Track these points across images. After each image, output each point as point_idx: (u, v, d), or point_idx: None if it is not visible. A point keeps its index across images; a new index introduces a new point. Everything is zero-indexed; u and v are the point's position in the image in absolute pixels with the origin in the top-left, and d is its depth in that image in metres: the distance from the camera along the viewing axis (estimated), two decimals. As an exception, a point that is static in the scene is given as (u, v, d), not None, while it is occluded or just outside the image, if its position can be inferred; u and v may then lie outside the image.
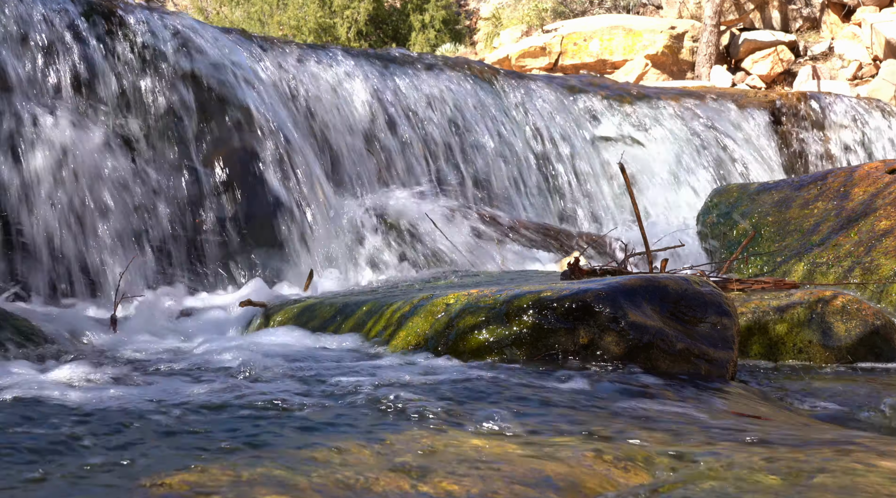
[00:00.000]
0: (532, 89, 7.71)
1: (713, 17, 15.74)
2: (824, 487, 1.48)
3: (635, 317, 2.64)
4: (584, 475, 1.61)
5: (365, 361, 2.75)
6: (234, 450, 1.72)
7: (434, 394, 2.24)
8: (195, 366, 2.72)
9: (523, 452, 1.74)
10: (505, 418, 2.04)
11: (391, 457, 1.67)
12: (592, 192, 7.44)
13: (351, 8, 18.75)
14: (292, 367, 2.64)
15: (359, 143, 6.23)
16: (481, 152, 6.93)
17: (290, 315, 3.51)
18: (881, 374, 3.27)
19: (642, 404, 2.27)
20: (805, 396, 2.74)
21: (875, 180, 5.08)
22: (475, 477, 1.56)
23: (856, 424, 2.45)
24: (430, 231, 5.54)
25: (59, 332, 3.48)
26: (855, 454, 1.73)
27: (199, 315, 4.05)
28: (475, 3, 20.85)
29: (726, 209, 5.39)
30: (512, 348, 2.69)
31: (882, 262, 4.55)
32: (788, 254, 4.92)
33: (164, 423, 1.95)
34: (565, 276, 3.35)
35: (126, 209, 4.75)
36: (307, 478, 1.51)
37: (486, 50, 18.10)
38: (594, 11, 18.22)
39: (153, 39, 5.19)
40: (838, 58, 15.94)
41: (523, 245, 6.07)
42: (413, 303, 3.04)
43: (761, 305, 3.58)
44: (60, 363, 2.72)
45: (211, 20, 19.08)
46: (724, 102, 8.85)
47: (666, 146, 8.06)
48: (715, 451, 1.78)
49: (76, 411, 2.05)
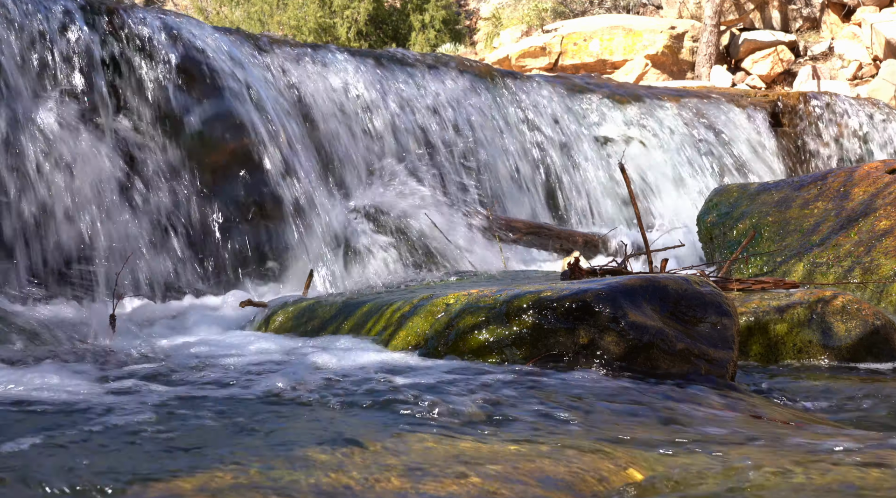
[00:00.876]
0: (532, 89, 7.71)
1: (713, 17, 15.74)
2: (823, 487, 1.48)
3: (635, 317, 2.64)
4: (584, 475, 1.61)
5: (365, 362, 2.75)
6: (234, 450, 1.72)
7: (433, 394, 2.24)
8: (193, 366, 2.72)
9: (523, 451, 1.74)
10: (504, 418, 2.04)
11: (390, 457, 1.67)
12: (592, 192, 7.44)
13: (351, 8, 18.74)
14: (291, 367, 2.64)
15: (359, 143, 6.22)
16: (481, 152, 6.93)
17: (290, 315, 3.51)
18: (881, 373, 3.27)
19: (642, 404, 2.27)
20: (805, 396, 2.74)
21: (875, 180, 5.08)
22: (475, 477, 1.55)
23: (855, 424, 2.45)
24: (429, 231, 5.53)
25: (57, 332, 3.48)
26: (853, 455, 1.73)
27: (198, 315, 4.04)
28: (475, 3, 20.85)
29: (726, 209, 5.39)
30: (512, 348, 2.69)
31: (882, 262, 4.55)
32: (788, 254, 4.92)
33: (138, 424, 1.94)
34: (565, 276, 3.35)
35: (123, 208, 4.75)
36: (304, 478, 1.51)
37: (486, 50, 18.10)
38: (594, 11, 18.22)
39: (152, 39, 5.19)
40: (838, 58, 15.94)
41: (523, 245, 6.07)
42: (413, 303, 3.04)
43: (761, 305, 3.58)
44: (57, 363, 2.72)
45: (211, 20, 19.07)
46: (724, 102, 8.85)
47: (666, 146, 8.06)
48: (714, 451, 1.78)
49: (66, 411, 2.05)
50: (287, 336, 3.37)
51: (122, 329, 3.73)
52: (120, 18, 5.15)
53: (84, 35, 4.94)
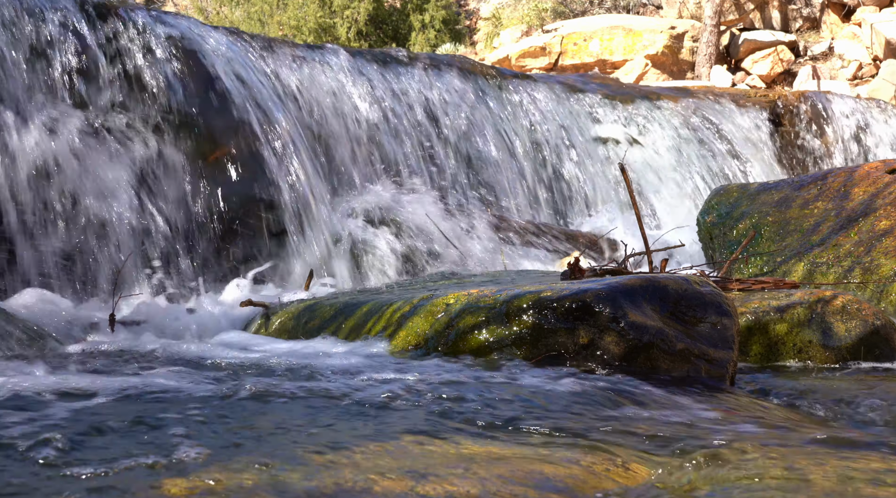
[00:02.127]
0: (532, 89, 7.71)
1: (713, 17, 15.74)
2: (821, 487, 1.48)
3: (635, 317, 2.64)
4: (583, 476, 1.61)
5: (365, 362, 2.75)
6: (232, 450, 1.72)
7: (433, 394, 2.24)
8: (191, 366, 2.72)
9: (522, 452, 1.74)
10: (504, 419, 2.04)
11: (390, 457, 1.67)
12: (592, 191, 7.44)
13: (351, 8, 18.74)
14: (290, 367, 2.64)
15: (359, 143, 6.22)
16: (481, 152, 6.93)
17: (290, 315, 3.51)
18: (881, 373, 3.27)
19: (642, 405, 2.27)
20: (804, 397, 2.73)
21: (875, 180, 5.07)
22: (474, 478, 1.55)
23: (854, 424, 2.44)
24: (429, 231, 5.53)
25: (56, 331, 3.48)
26: (850, 455, 1.73)
27: (199, 315, 4.04)
28: (475, 3, 20.85)
29: (726, 209, 5.39)
30: (512, 348, 2.69)
31: (882, 262, 4.55)
32: (788, 254, 4.92)
33: (145, 422, 1.94)
34: (565, 276, 3.35)
35: (124, 207, 4.74)
36: (303, 479, 1.51)
37: (486, 50, 18.10)
38: (594, 11, 18.22)
39: (152, 39, 5.19)
40: (838, 58, 15.93)
41: (523, 245, 6.07)
42: (413, 303, 3.04)
43: (761, 305, 3.58)
44: (56, 363, 2.72)
45: (211, 20, 19.08)
46: (725, 102, 8.85)
47: (666, 146, 8.06)
48: (714, 451, 1.78)
49: (62, 412, 2.05)
50: (287, 336, 3.37)
51: (122, 328, 3.73)
52: (120, 18, 5.15)
53: (84, 35, 4.94)
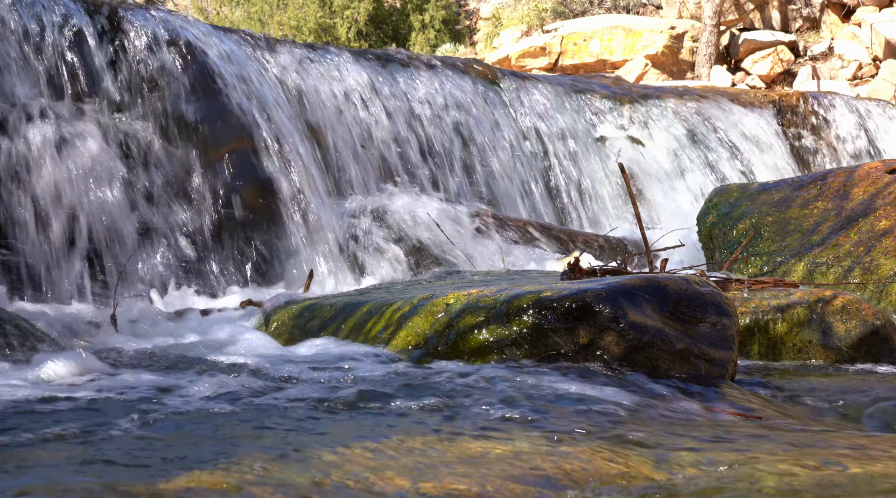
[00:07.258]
0: (532, 89, 7.71)
1: (713, 17, 15.74)
2: (820, 487, 1.48)
3: (635, 317, 2.64)
4: (584, 475, 1.61)
5: (364, 361, 2.75)
6: (233, 451, 1.72)
7: (433, 394, 2.24)
8: (190, 366, 2.72)
9: (522, 451, 1.74)
10: (504, 418, 2.04)
11: (390, 456, 1.67)
12: (592, 191, 7.45)
13: (351, 8, 18.74)
14: (289, 366, 2.64)
15: (358, 143, 6.22)
16: (482, 152, 6.93)
17: (290, 315, 3.51)
18: (881, 373, 3.27)
19: (642, 404, 2.27)
20: (804, 396, 2.74)
21: (875, 180, 5.08)
22: (475, 476, 1.56)
23: (854, 424, 2.45)
24: (430, 231, 5.53)
25: (58, 331, 3.48)
26: (851, 454, 1.73)
27: (199, 315, 4.04)
28: (475, 3, 20.84)
29: (726, 209, 5.39)
30: (512, 348, 2.70)
31: (882, 262, 4.55)
32: (788, 254, 4.92)
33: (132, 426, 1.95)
34: (565, 276, 3.35)
35: (126, 208, 4.75)
36: (309, 477, 1.52)
37: (486, 50, 18.10)
38: (594, 11, 18.21)
39: (153, 39, 5.19)
40: (838, 58, 15.93)
41: (523, 245, 6.07)
42: (413, 303, 3.04)
43: (761, 304, 3.58)
44: (56, 363, 2.72)
45: (211, 20, 19.07)
46: (725, 102, 8.86)
47: (666, 146, 8.06)
48: (713, 451, 1.78)
49: (60, 411, 2.05)
50: (286, 336, 3.37)
51: (123, 328, 3.73)
52: (120, 18, 5.16)
53: (85, 35, 4.95)
